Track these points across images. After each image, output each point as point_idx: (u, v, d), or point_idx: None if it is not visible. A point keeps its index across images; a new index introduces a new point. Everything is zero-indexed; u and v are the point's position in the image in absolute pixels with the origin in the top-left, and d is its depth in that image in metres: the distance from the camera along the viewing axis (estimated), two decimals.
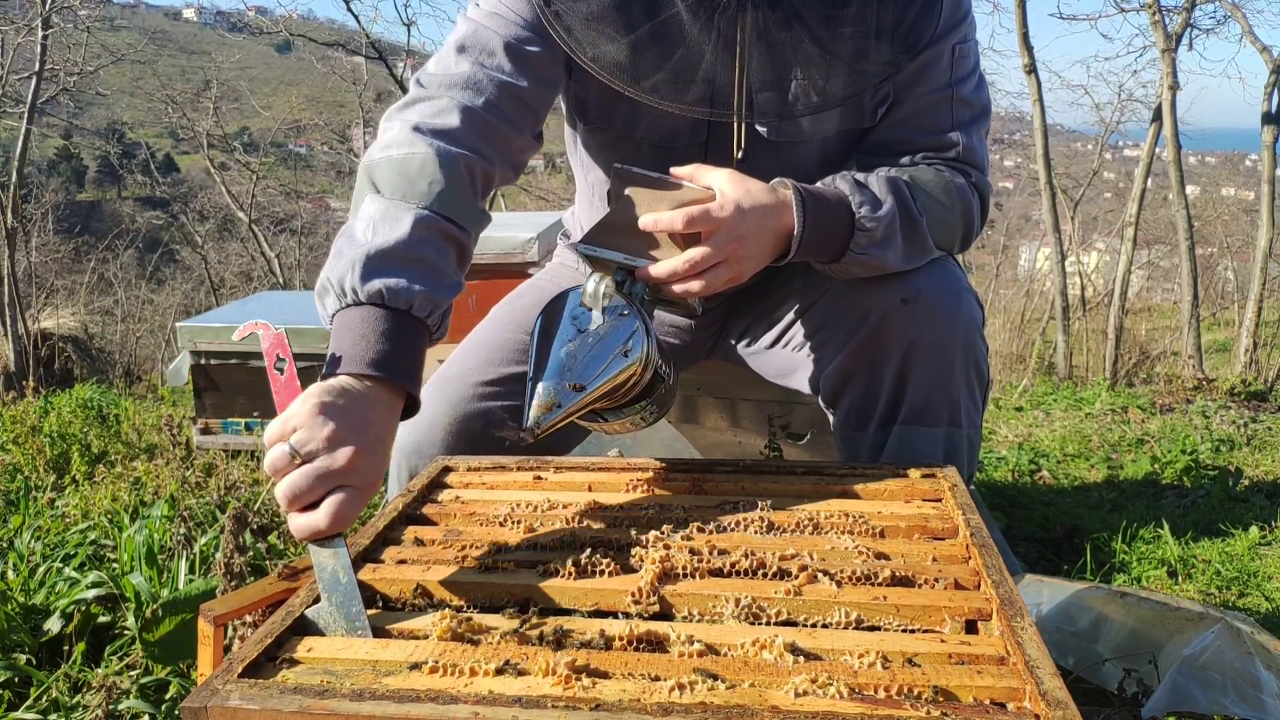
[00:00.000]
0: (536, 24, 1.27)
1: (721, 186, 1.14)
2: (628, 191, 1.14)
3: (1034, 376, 7.88)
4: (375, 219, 1.11)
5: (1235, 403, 4.10)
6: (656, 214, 1.11)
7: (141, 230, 20.17)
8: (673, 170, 1.18)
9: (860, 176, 1.26)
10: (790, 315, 1.47)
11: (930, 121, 1.34)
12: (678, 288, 1.11)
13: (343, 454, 0.90)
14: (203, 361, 3.70)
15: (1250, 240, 10.73)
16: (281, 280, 14.01)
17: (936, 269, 1.31)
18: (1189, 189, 10.08)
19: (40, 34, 9.93)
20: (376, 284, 1.04)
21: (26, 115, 10.16)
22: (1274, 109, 7.86)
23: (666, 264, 1.10)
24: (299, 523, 0.89)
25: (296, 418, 0.91)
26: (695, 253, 1.10)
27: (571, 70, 1.35)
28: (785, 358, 1.48)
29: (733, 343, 1.58)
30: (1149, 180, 9.96)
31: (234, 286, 15.31)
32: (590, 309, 1.06)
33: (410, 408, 1.04)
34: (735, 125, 1.31)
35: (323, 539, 0.89)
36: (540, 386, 1.02)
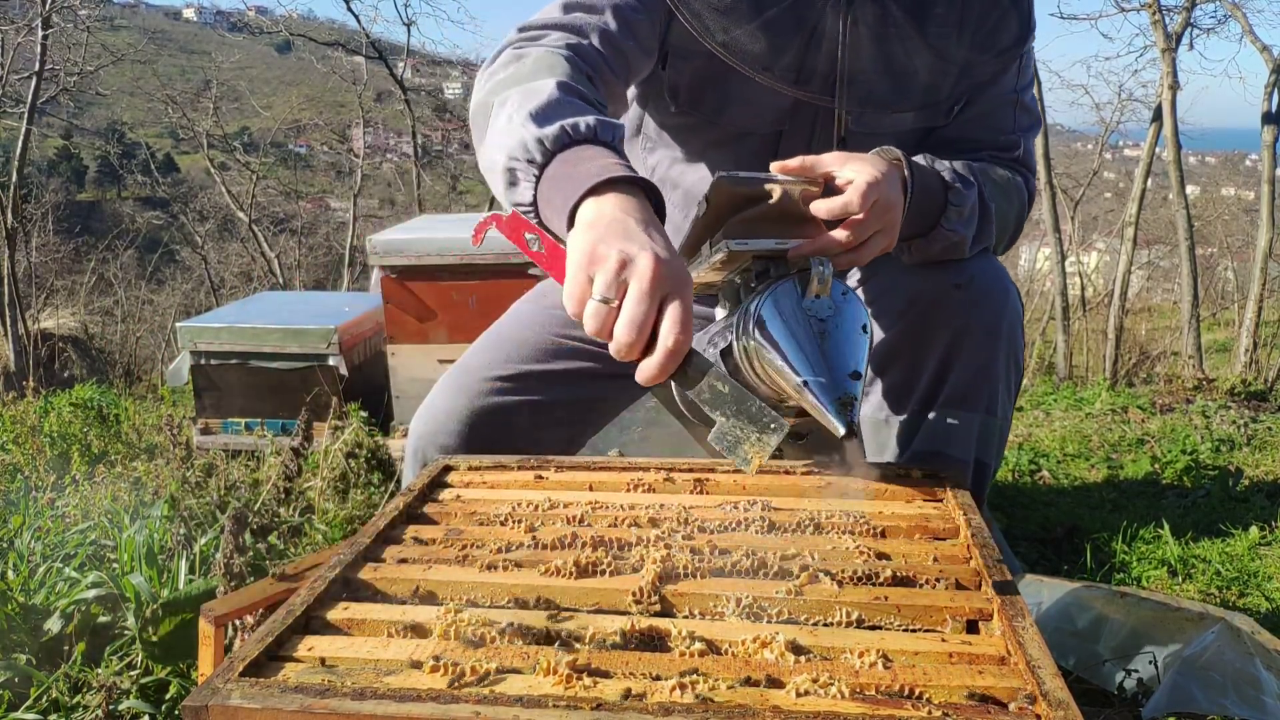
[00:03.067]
0: None
1: (852, 166, 1.14)
2: (750, 191, 1.13)
3: (1034, 376, 7.87)
4: (514, 108, 1.09)
5: (1235, 403, 4.10)
6: (828, 201, 1.11)
7: (141, 230, 20.16)
8: (777, 166, 1.17)
9: (942, 159, 1.29)
10: None
11: (997, 123, 1.38)
12: (840, 260, 1.12)
13: (643, 270, 0.87)
14: (203, 361, 3.70)
15: (1250, 240, 10.73)
16: (281, 280, 14.01)
17: (986, 259, 1.34)
18: (1189, 189, 10.09)
19: (40, 34, 9.92)
20: (554, 126, 1.03)
21: (26, 115, 10.15)
22: (1274, 109, 7.85)
23: (828, 239, 1.10)
24: (649, 366, 0.86)
25: (583, 269, 0.89)
26: (856, 225, 1.10)
27: (667, 56, 1.37)
28: None
29: None
30: (1149, 180, 9.96)
31: (234, 286, 15.30)
32: (820, 296, 1.03)
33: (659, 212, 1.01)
34: (837, 113, 1.33)
35: (677, 369, 0.85)
36: (826, 388, 0.97)
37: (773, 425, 0.80)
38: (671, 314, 0.86)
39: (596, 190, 0.96)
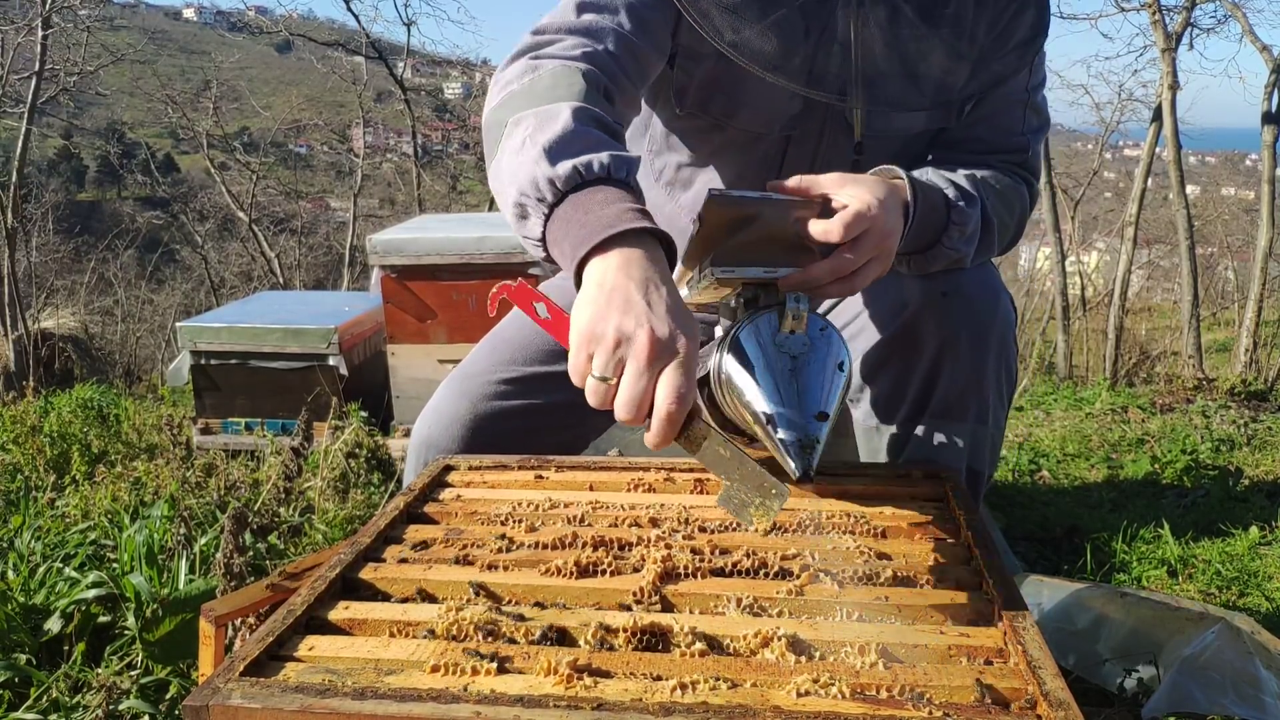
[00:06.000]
0: None
1: (846, 190, 1.12)
2: (738, 211, 1.10)
3: (1034, 376, 7.88)
4: (529, 133, 1.06)
5: (1235, 402, 4.10)
6: (814, 224, 1.09)
7: (141, 230, 20.14)
8: (772, 185, 1.15)
9: (947, 172, 1.27)
10: (826, 305, 1.47)
11: (1006, 123, 1.35)
12: (831, 289, 1.10)
13: (639, 348, 0.89)
14: (203, 361, 3.70)
15: (1250, 240, 10.73)
16: (281, 280, 14.00)
17: (977, 266, 1.33)
18: (1189, 189, 10.09)
19: (40, 34, 9.91)
20: (567, 163, 1.01)
21: (26, 115, 10.15)
22: (1274, 108, 7.85)
23: (819, 268, 1.08)
24: (650, 435, 0.88)
25: (582, 348, 0.92)
26: (848, 253, 1.08)
27: (674, 56, 1.34)
28: None
29: None
30: (1149, 180, 9.96)
31: (234, 286, 15.29)
32: (794, 332, 1.01)
33: (670, 255, 1.00)
34: (847, 112, 1.31)
35: (680, 433, 0.87)
36: (790, 428, 0.95)
37: (774, 490, 0.83)
38: (666, 384, 0.88)
39: (603, 246, 0.95)
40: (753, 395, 0.98)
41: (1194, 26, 8.92)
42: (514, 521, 1.05)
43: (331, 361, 3.64)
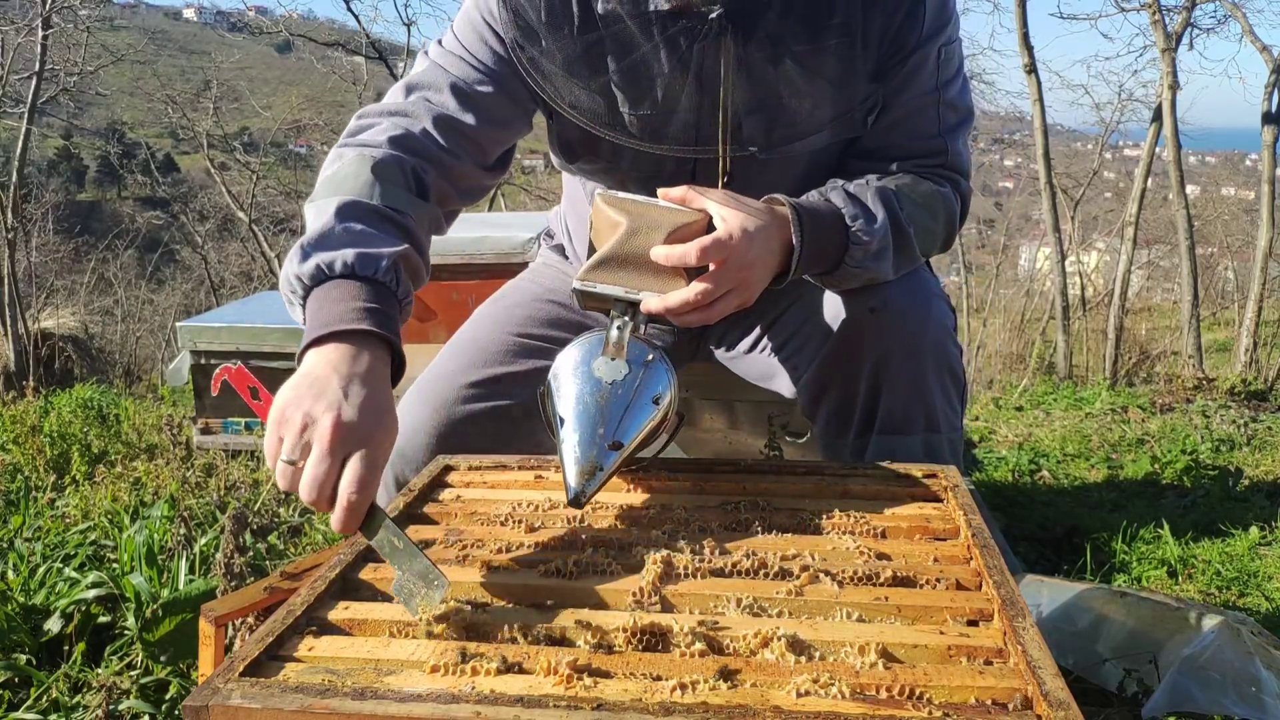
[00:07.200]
0: (492, 68, 1.27)
1: (721, 212, 1.10)
2: (616, 219, 1.09)
3: (1034, 376, 7.89)
4: (307, 223, 1.13)
5: (1235, 402, 4.10)
6: (668, 249, 1.07)
7: (141, 230, 20.15)
8: (662, 193, 1.14)
9: (851, 188, 1.24)
10: (764, 322, 1.46)
11: (918, 126, 1.31)
12: (689, 318, 1.08)
13: (322, 432, 0.90)
14: (203, 361, 3.70)
15: (1250, 240, 10.73)
16: None
17: (904, 276, 1.29)
18: (1189, 189, 10.08)
19: (40, 34, 9.92)
20: (312, 261, 1.05)
21: (26, 115, 10.16)
22: (1274, 108, 7.85)
23: (676, 296, 1.06)
24: (334, 519, 0.89)
25: (274, 430, 0.93)
26: (706, 283, 1.06)
27: (551, 112, 1.33)
28: (763, 362, 1.48)
29: (712, 348, 1.57)
30: (1149, 180, 9.96)
31: (234, 286, 15.30)
32: (614, 358, 1.01)
33: (396, 360, 1.05)
34: (721, 156, 1.28)
35: (363, 521, 0.89)
36: (577, 451, 0.96)
37: (436, 582, 0.85)
38: (349, 473, 0.89)
39: (322, 341, 0.99)
40: (556, 412, 1.00)
41: (1194, 27, 8.94)
42: (514, 522, 1.05)
43: None
